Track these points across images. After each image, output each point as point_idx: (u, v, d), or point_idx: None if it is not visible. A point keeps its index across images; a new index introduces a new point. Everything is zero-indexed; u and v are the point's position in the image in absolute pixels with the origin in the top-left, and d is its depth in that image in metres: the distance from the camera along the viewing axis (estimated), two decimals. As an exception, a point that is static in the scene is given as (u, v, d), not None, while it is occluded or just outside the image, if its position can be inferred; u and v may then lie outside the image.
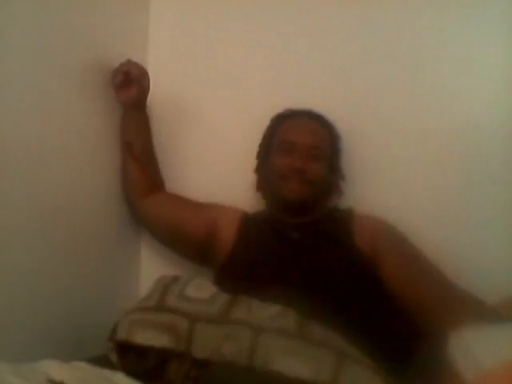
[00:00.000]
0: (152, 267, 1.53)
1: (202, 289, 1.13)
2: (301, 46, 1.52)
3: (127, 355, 1.04)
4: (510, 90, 1.37)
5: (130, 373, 0.96)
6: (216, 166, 1.54)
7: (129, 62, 1.36)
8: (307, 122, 1.37)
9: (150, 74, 1.41)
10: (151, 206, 1.43)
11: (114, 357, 1.05)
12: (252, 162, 1.43)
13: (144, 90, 1.39)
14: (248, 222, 1.37)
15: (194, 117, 1.56)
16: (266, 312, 1.05)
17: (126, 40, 1.49)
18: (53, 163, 1.19)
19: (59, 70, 1.21)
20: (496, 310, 1.13)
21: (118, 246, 1.46)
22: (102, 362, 0.99)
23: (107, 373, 0.93)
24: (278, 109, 1.41)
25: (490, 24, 1.40)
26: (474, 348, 0.84)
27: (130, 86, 1.37)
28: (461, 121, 1.40)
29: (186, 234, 1.38)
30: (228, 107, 1.55)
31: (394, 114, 1.45)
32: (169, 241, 1.46)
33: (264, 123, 1.42)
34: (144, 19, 1.58)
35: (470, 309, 1.13)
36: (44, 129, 1.17)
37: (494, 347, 0.84)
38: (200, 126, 1.55)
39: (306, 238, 1.29)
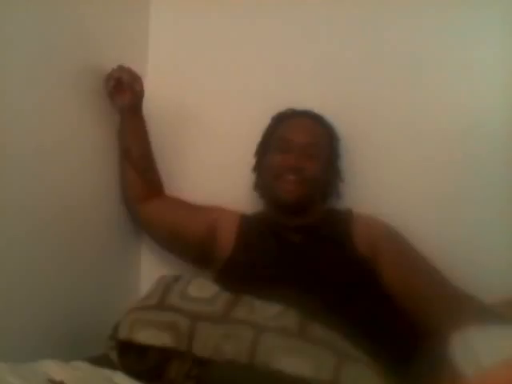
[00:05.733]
0: (152, 267, 1.53)
1: (203, 288, 1.13)
2: (300, 46, 1.52)
3: (128, 354, 1.04)
4: (510, 90, 1.37)
5: (131, 372, 0.96)
6: (215, 166, 1.54)
7: (120, 68, 1.34)
8: (306, 122, 1.37)
9: (150, 75, 1.41)
10: (150, 211, 1.43)
11: (114, 356, 1.05)
12: (251, 162, 1.44)
13: (137, 95, 1.37)
14: (247, 223, 1.36)
15: (194, 117, 1.55)
16: (267, 311, 1.05)
17: (125, 41, 1.49)
18: (52, 164, 1.19)
19: (59, 71, 1.21)
20: (496, 310, 1.12)
21: (118, 246, 1.46)
22: (102, 361, 0.99)
23: (107, 373, 0.93)
24: (278, 109, 1.42)
25: (490, 24, 1.40)
26: (474, 347, 0.84)
27: (123, 91, 1.36)
28: (461, 121, 1.40)
29: (186, 236, 1.38)
30: (227, 108, 1.55)
31: (393, 114, 1.45)
32: (169, 244, 1.46)
33: (263, 124, 1.42)
34: (144, 20, 1.58)
35: (470, 309, 1.14)
36: (44, 129, 1.17)
37: (494, 346, 0.84)
38: (200, 126, 1.55)
39: (307, 240, 1.28)
